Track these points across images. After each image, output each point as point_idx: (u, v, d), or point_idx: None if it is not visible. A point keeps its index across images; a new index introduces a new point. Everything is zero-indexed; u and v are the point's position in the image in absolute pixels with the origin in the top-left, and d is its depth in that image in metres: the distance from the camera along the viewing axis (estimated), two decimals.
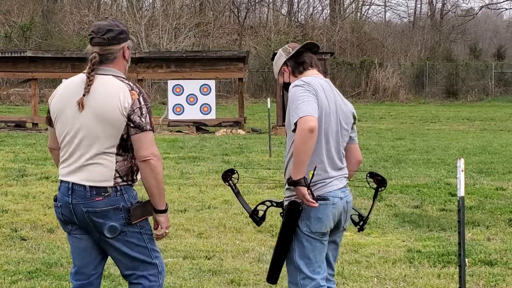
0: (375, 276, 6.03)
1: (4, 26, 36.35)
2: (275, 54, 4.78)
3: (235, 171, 4.32)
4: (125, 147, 3.74)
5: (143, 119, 3.70)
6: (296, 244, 4.04)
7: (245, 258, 6.57)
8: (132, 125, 3.68)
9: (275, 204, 4.19)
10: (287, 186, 4.06)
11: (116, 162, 3.72)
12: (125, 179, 3.75)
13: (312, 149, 3.81)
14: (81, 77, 3.80)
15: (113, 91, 3.71)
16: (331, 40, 41.79)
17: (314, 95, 3.90)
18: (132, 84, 3.77)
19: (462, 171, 4.13)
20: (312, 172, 3.84)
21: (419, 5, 51.92)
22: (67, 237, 4.00)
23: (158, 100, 32.56)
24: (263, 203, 4.22)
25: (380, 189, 4.28)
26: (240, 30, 41.37)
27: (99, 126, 3.70)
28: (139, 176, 3.85)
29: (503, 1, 52.12)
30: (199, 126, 20.80)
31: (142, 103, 3.73)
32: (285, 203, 4.06)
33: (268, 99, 15.63)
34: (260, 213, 4.20)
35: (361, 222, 4.31)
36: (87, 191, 3.71)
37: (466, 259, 5.97)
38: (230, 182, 4.29)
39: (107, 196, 3.71)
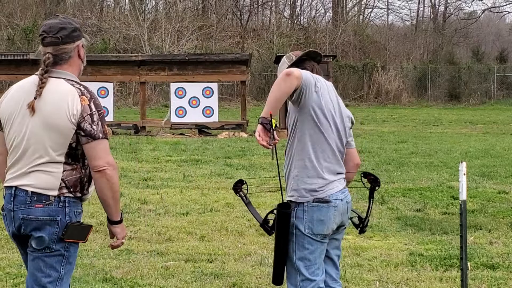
0: (377, 279, 6.03)
1: (7, 28, 36.41)
2: (277, 57, 4.83)
3: (244, 182, 4.33)
4: (74, 156, 3.49)
5: (95, 127, 3.43)
6: (297, 246, 4.05)
7: (247, 261, 6.57)
8: (82, 133, 3.43)
9: None
10: (287, 189, 4.10)
11: (63, 171, 3.46)
12: (72, 190, 3.49)
13: (285, 92, 3.84)
14: (33, 79, 3.55)
15: (63, 95, 3.45)
16: (334, 43, 41.80)
17: (314, 80, 3.95)
18: (83, 89, 3.50)
19: (464, 174, 4.14)
20: (274, 120, 3.92)
21: (421, 8, 52.04)
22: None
23: (160, 103, 32.61)
24: (272, 212, 4.24)
25: (375, 189, 4.31)
26: (243, 33, 41.39)
27: (46, 133, 3.45)
28: (91, 189, 3.59)
29: (506, 4, 52.21)
30: (202, 129, 20.80)
31: (94, 109, 3.45)
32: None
33: None
34: (271, 222, 4.21)
35: (361, 225, 4.34)
36: (28, 197, 3.45)
37: (468, 263, 5.97)
38: (241, 193, 4.30)
39: (47, 205, 3.44)
